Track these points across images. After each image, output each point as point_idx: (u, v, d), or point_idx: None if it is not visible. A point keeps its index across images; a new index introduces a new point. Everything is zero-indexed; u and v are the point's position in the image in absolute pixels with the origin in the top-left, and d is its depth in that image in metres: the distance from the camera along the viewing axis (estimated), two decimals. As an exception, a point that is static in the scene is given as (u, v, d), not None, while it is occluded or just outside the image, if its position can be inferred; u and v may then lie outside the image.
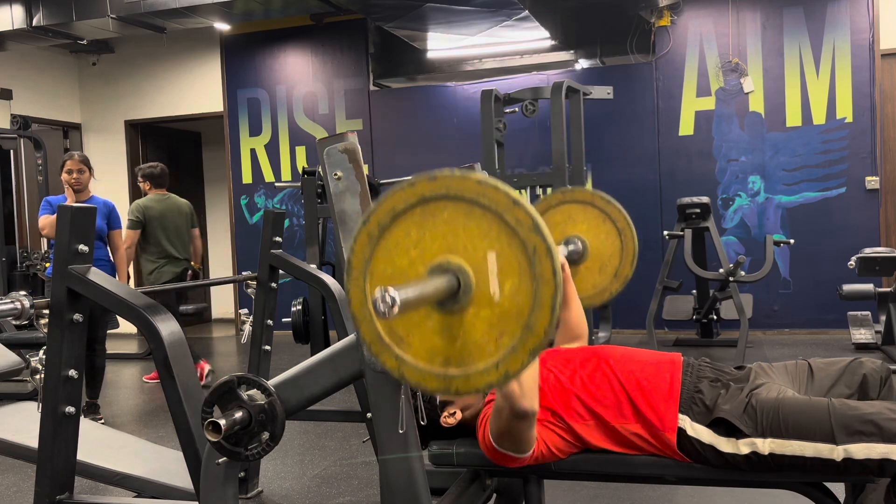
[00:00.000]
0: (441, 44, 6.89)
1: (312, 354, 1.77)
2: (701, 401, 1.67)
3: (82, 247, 1.77)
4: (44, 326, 1.77)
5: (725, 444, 1.62)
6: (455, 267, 1.15)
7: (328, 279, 2.96)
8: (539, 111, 6.00)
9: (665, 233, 5.92)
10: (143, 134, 8.53)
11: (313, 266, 3.25)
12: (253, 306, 3.08)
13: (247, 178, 7.93)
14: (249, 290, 3.12)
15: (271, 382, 1.38)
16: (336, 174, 1.46)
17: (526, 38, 6.63)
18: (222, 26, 7.37)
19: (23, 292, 1.78)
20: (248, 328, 3.08)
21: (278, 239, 3.02)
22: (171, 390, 1.72)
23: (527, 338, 1.11)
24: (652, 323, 5.69)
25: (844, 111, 6.33)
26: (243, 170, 7.94)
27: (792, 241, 5.87)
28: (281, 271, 3.05)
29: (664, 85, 6.72)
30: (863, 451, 1.52)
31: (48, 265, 5.96)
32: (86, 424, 2.17)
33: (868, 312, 5.72)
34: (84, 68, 8.54)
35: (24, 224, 7.76)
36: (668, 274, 5.75)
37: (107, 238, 4.72)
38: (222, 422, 1.29)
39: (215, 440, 1.31)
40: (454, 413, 1.83)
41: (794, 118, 6.43)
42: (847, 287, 5.58)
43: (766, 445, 1.58)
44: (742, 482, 1.68)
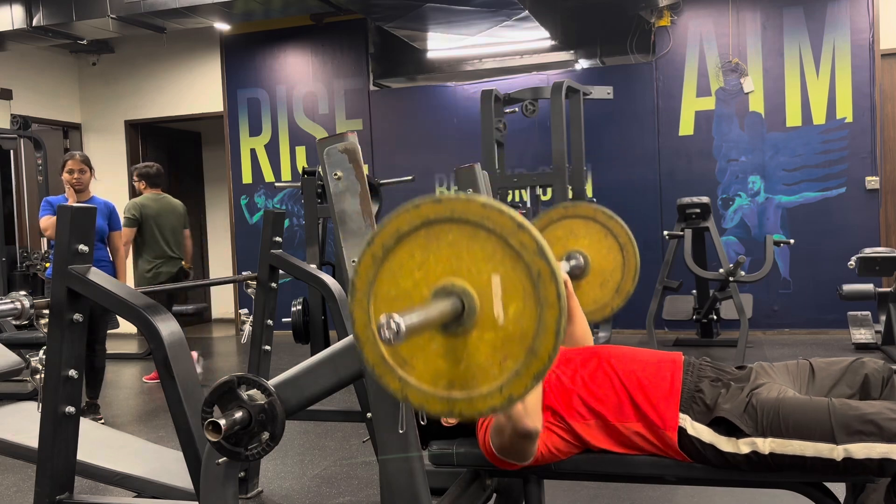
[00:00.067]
0: (441, 44, 6.89)
1: (312, 354, 1.77)
2: (701, 400, 1.67)
3: (82, 247, 1.77)
4: (44, 326, 1.77)
5: (726, 444, 1.62)
6: (459, 289, 1.15)
7: (328, 279, 2.96)
8: (539, 111, 6.00)
9: (665, 233, 5.92)
10: (143, 134, 8.53)
11: (313, 266, 3.26)
12: (253, 306, 3.09)
13: (247, 178, 7.93)
14: (249, 290, 3.12)
15: (271, 382, 1.37)
16: (336, 174, 1.46)
17: (526, 38, 6.63)
18: (222, 26, 7.37)
19: (23, 292, 1.78)
20: (248, 328, 3.08)
21: (278, 239, 3.02)
22: (171, 390, 1.72)
23: (531, 362, 1.11)
24: (652, 323, 5.69)
25: (844, 111, 6.33)
26: (243, 170, 7.94)
27: (792, 241, 5.87)
28: (281, 271, 3.05)
29: (664, 85, 6.72)
30: (863, 450, 1.51)
31: (48, 265, 5.96)
32: (86, 424, 2.17)
33: (868, 312, 5.72)
34: (84, 68, 8.54)
35: (24, 224, 7.76)
36: (668, 274, 5.75)
37: (107, 239, 4.71)
38: (222, 422, 1.29)
39: (215, 440, 1.31)
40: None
41: (794, 118, 6.43)
42: (847, 287, 5.58)
43: (766, 445, 1.58)
44: (742, 482, 1.68)
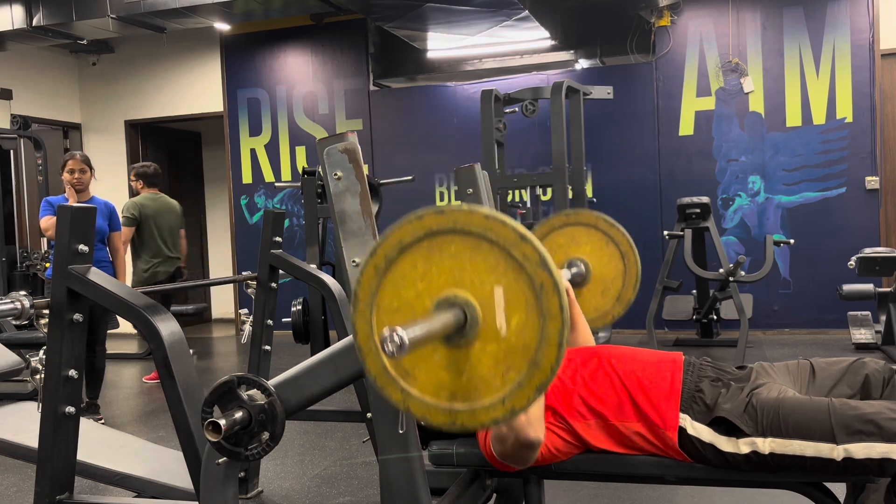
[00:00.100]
0: (441, 44, 6.89)
1: (312, 354, 1.77)
2: (701, 400, 1.67)
3: (82, 247, 1.77)
4: (44, 326, 1.77)
5: (726, 444, 1.62)
6: (462, 301, 1.15)
7: (328, 279, 2.96)
8: (539, 111, 6.00)
9: (665, 233, 5.92)
10: (143, 134, 8.53)
11: (313, 266, 3.26)
12: (253, 306, 3.09)
13: (247, 178, 7.93)
14: (249, 290, 3.12)
15: (271, 382, 1.37)
16: (336, 174, 1.46)
17: (526, 38, 6.63)
18: (222, 26, 7.37)
19: (23, 292, 1.78)
20: (248, 328, 3.08)
21: (278, 239, 3.02)
22: (171, 390, 1.72)
23: (533, 373, 1.11)
24: (652, 323, 5.70)
25: (844, 111, 6.33)
26: (243, 170, 7.94)
27: (792, 241, 5.87)
28: (281, 271, 3.05)
29: (664, 85, 6.72)
30: (863, 450, 1.51)
31: (48, 265, 5.96)
32: (86, 424, 2.17)
33: (868, 312, 5.72)
34: (84, 68, 8.54)
35: (24, 224, 7.76)
36: (668, 274, 5.76)
37: (107, 240, 4.71)
38: (222, 422, 1.29)
39: (215, 440, 1.31)
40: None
41: (794, 118, 6.43)
42: (847, 287, 5.58)
43: (766, 445, 1.58)
44: (742, 482, 1.68)
